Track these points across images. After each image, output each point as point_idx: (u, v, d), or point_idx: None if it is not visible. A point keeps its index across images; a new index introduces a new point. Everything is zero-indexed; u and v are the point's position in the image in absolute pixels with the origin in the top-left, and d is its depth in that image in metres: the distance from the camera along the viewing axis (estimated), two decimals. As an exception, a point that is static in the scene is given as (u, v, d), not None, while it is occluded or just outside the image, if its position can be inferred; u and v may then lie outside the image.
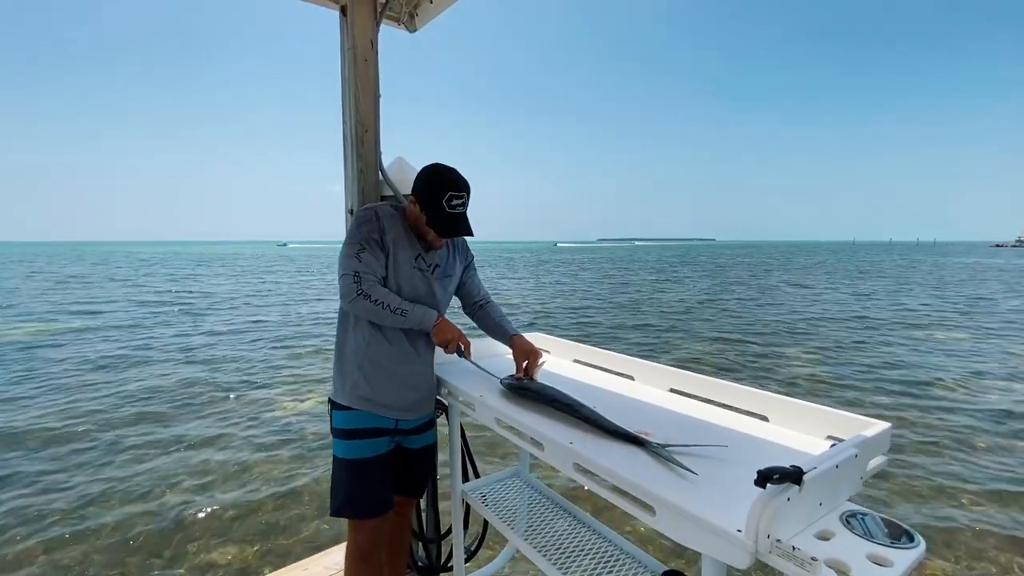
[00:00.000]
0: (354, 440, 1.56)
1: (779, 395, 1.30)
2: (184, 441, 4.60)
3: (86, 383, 6.43)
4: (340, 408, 1.57)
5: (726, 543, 0.81)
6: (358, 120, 1.88)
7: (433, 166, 1.51)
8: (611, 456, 1.09)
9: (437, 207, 1.45)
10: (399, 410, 1.60)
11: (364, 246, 1.45)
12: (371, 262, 1.45)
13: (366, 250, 1.45)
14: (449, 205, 1.44)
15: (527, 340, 1.68)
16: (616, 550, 1.59)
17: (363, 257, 1.44)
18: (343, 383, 1.57)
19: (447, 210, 1.45)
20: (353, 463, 1.56)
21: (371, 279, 1.44)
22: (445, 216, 1.46)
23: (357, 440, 1.56)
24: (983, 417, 5.28)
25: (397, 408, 1.59)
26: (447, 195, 1.44)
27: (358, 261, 1.44)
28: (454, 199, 1.45)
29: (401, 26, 2.12)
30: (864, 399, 5.88)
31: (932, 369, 7.23)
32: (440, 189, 1.44)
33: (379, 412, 1.56)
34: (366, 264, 1.44)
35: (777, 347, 8.73)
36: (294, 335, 9.82)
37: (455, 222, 1.47)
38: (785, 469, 0.78)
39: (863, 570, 0.75)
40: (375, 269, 1.46)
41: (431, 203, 1.45)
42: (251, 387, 6.37)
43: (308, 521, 3.28)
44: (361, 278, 1.42)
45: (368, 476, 1.57)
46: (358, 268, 1.43)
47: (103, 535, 3.11)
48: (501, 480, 2.02)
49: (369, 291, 1.42)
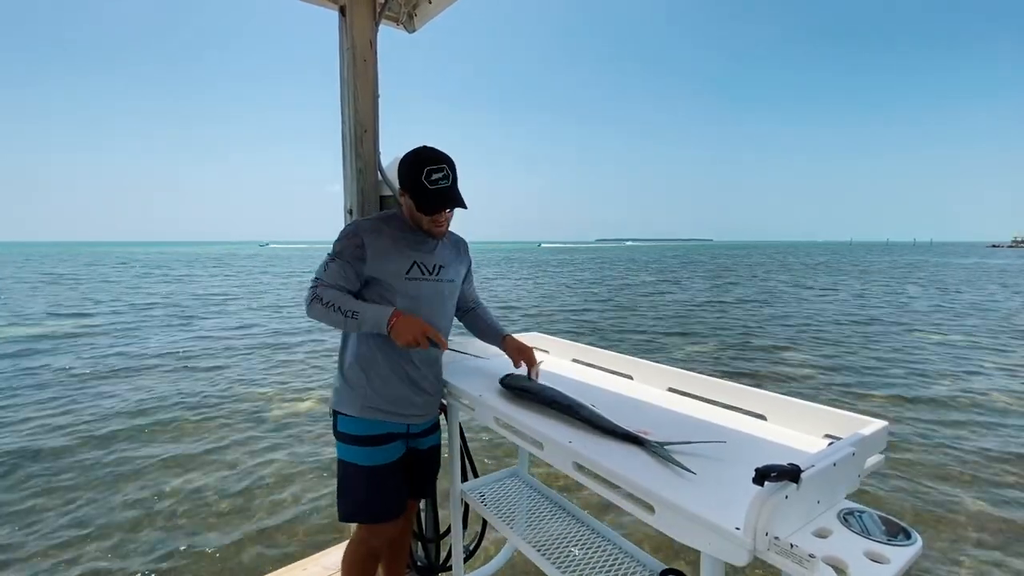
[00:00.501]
0: (366, 447, 1.52)
1: (777, 394, 1.31)
2: (177, 442, 4.59)
3: (75, 386, 6.41)
4: (348, 416, 1.54)
5: (725, 541, 0.81)
6: (357, 120, 1.88)
7: (411, 150, 1.46)
8: (610, 455, 1.10)
9: (419, 187, 1.40)
10: (411, 415, 1.58)
11: (335, 257, 1.44)
12: (336, 273, 1.42)
13: (335, 261, 1.43)
14: (430, 181, 1.39)
15: (518, 339, 1.71)
16: (615, 549, 1.59)
17: (330, 267, 1.43)
18: (351, 393, 1.53)
19: (429, 187, 1.40)
20: (366, 470, 1.53)
21: (329, 286, 1.42)
22: (429, 193, 1.41)
23: (369, 447, 1.53)
24: (980, 415, 5.30)
25: (409, 413, 1.57)
26: (424, 171, 1.39)
27: (324, 270, 1.43)
28: (433, 173, 1.40)
29: (400, 26, 2.12)
30: (863, 398, 5.90)
31: (932, 368, 7.26)
32: (417, 168, 1.40)
33: (392, 419, 1.54)
34: (331, 274, 1.42)
35: (776, 346, 8.75)
36: (288, 331, 9.81)
37: (440, 196, 1.41)
38: (783, 467, 0.79)
39: (860, 567, 0.75)
40: (338, 280, 1.42)
41: (413, 186, 1.41)
42: (244, 386, 6.36)
43: (305, 521, 3.28)
44: (319, 284, 1.41)
45: (382, 482, 1.55)
46: (321, 275, 1.43)
47: (97, 535, 3.10)
48: (500, 480, 2.02)
49: (321, 294, 1.39)
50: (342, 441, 1.56)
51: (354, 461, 1.54)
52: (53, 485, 3.75)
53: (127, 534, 3.12)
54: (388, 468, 1.55)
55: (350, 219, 1.93)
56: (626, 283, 22.18)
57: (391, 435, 1.55)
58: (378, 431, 1.53)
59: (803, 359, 7.86)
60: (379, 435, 1.53)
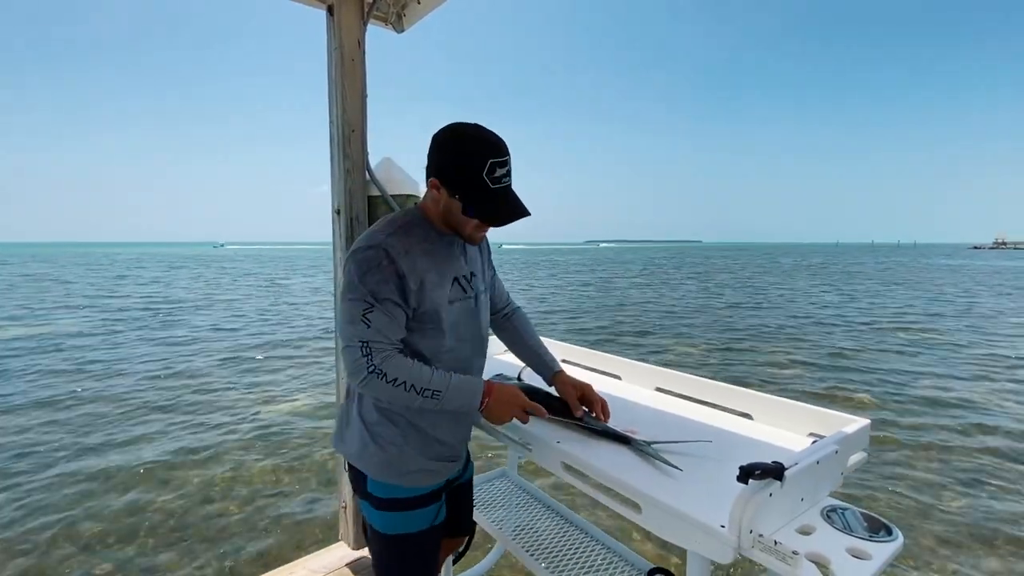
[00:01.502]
0: (398, 512, 1.19)
1: (762, 393, 1.32)
2: (161, 446, 4.52)
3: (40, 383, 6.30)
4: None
5: (710, 538, 0.82)
6: (345, 120, 1.87)
7: (453, 129, 1.07)
8: (598, 455, 1.10)
9: (480, 188, 1.05)
10: (462, 453, 1.31)
11: (373, 303, 1.04)
12: (384, 324, 1.05)
13: (376, 309, 1.05)
14: (493, 179, 1.04)
15: (570, 376, 1.38)
16: (604, 549, 1.60)
17: (372, 319, 1.04)
18: (382, 455, 1.16)
19: (492, 186, 1.05)
20: (399, 539, 1.20)
21: (385, 349, 1.05)
22: (492, 196, 1.06)
23: (403, 512, 1.19)
24: (964, 415, 5.40)
25: (461, 453, 1.30)
26: (488, 164, 1.03)
27: (366, 326, 1.04)
28: (497, 168, 1.04)
29: (389, 26, 2.11)
30: (849, 397, 5.99)
31: (918, 368, 7.38)
32: (478, 159, 1.03)
33: (439, 478, 1.24)
34: (377, 328, 1.04)
35: (765, 346, 8.85)
36: (272, 331, 9.72)
37: (508, 202, 1.08)
38: (767, 465, 0.80)
39: (842, 563, 0.76)
40: (391, 333, 1.07)
41: (467, 182, 1.05)
42: (229, 388, 6.29)
43: (296, 523, 3.25)
44: (372, 349, 1.04)
45: (420, 551, 1.23)
46: (367, 336, 1.04)
47: (79, 541, 3.05)
48: (489, 480, 2.02)
49: (383, 367, 1.04)
50: (364, 500, 1.21)
51: (382, 529, 1.20)
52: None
53: (106, 540, 3.07)
54: (425, 535, 1.22)
55: (338, 220, 1.92)
56: (614, 284, 22.29)
57: (433, 494, 1.23)
58: (414, 493, 1.20)
59: (792, 359, 7.96)
60: (416, 497, 1.20)
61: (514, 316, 1.47)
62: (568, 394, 1.31)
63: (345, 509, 2.16)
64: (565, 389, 1.32)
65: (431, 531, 1.23)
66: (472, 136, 1.06)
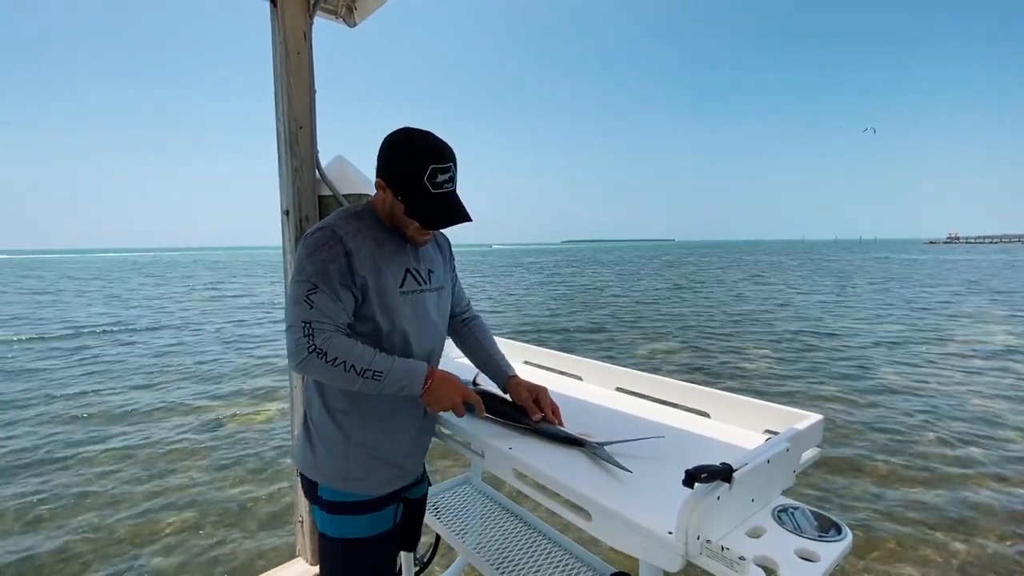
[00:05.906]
0: (348, 515, 1.18)
1: (719, 391, 1.30)
2: (128, 456, 4.30)
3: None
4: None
5: (657, 546, 0.79)
6: (291, 116, 1.78)
7: (402, 133, 1.10)
8: (549, 460, 1.06)
9: (419, 191, 1.07)
10: (413, 471, 1.28)
11: (317, 284, 1.05)
12: (328, 306, 1.05)
13: (320, 290, 1.05)
14: (434, 184, 1.07)
15: (524, 379, 1.35)
16: (566, 554, 1.57)
17: (315, 299, 1.04)
18: (331, 465, 1.17)
19: (432, 190, 1.07)
20: (351, 543, 1.19)
21: (328, 329, 1.05)
22: (431, 199, 1.08)
23: (353, 516, 1.18)
24: (923, 405, 5.59)
25: (412, 470, 1.28)
26: (429, 170, 1.06)
27: (309, 307, 1.04)
28: (438, 173, 1.07)
29: (339, 19, 2.03)
30: (815, 393, 6.13)
31: (876, 360, 7.63)
32: (419, 163, 1.06)
33: (388, 488, 1.22)
34: (320, 309, 1.04)
35: (733, 343, 9.01)
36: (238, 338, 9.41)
37: (446, 205, 1.09)
38: (714, 467, 0.77)
39: (790, 566, 0.74)
40: (335, 315, 1.06)
41: (409, 184, 1.07)
42: (194, 397, 6.04)
43: (256, 538, 3.12)
44: (314, 329, 1.03)
45: (371, 558, 1.21)
46: (309, 316, 1.03)
47: (42, 550, 2.86)
48: (452, 488, 1.96)
49: (324, 346, 1.02)
50: (315, 504, 1.20)
51: (333, 533, 1.18)
52: None
53: (74, 550, 2.88)
54: (376, 540, 1.21)
55: (287, 221, 1.84)
56: (589, 285, 22.44)
57: (386, 498, 1.21)
58: (366, 496, 1.19)
59: (760, 353, 8.12)
60: (367, 501, 1.19)
61: (472, 322, 1.47)
62: (523, 398, 1.28)
63: (301, 524, 2.07)
64: (519, 393, 1.29)
65: (384, 537, 1.22)
66: (418, 141, 1.09)
